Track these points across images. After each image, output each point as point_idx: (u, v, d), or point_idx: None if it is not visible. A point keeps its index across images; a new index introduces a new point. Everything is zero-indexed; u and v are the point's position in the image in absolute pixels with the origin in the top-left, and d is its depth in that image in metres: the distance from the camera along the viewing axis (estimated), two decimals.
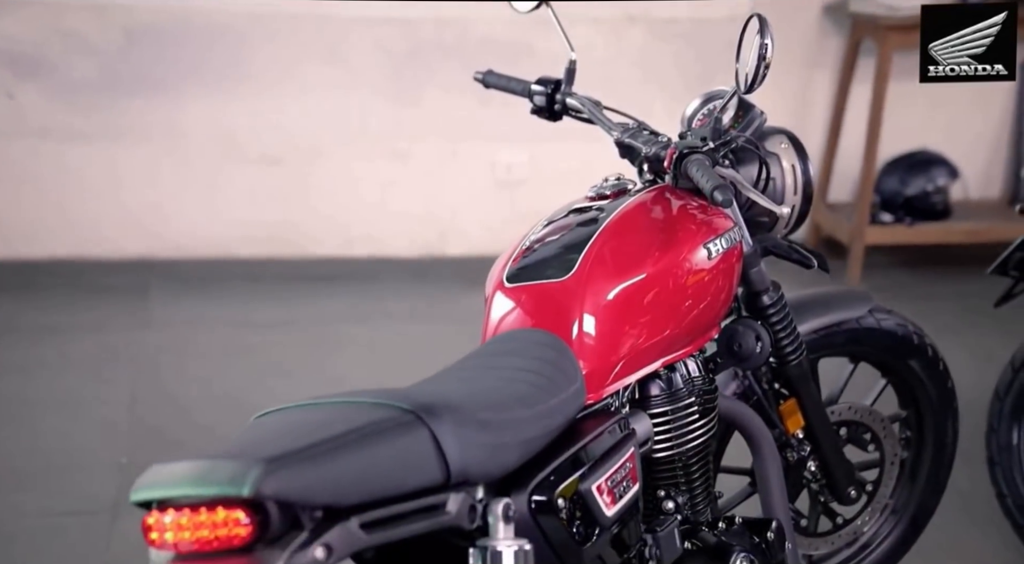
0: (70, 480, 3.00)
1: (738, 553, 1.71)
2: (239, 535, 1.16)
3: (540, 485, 1.45)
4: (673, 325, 1.71)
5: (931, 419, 2.39)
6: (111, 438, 3.23)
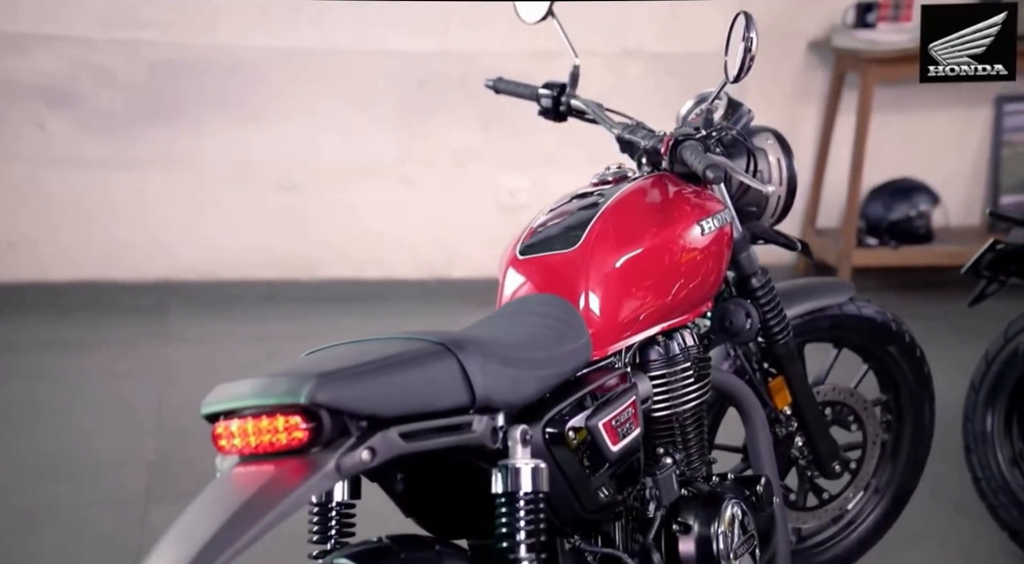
0: (102, 474, 3.14)
1: (729, 500, 1.85)
2: (297, 439, 1.32)
3: (553, 419, 1.60)
4: (669, 294, 1.87)
5: (910, 402, 2.54)
6: (139, 438, 3.38)
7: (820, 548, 2.56)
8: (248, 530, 1.25)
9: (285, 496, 1.28)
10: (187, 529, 1.28)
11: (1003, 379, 2.70)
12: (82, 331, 4.27)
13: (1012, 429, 2.70)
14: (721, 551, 1.82)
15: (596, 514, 1.68)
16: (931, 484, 2.83)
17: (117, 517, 2.91)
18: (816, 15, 4.72)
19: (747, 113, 2.13)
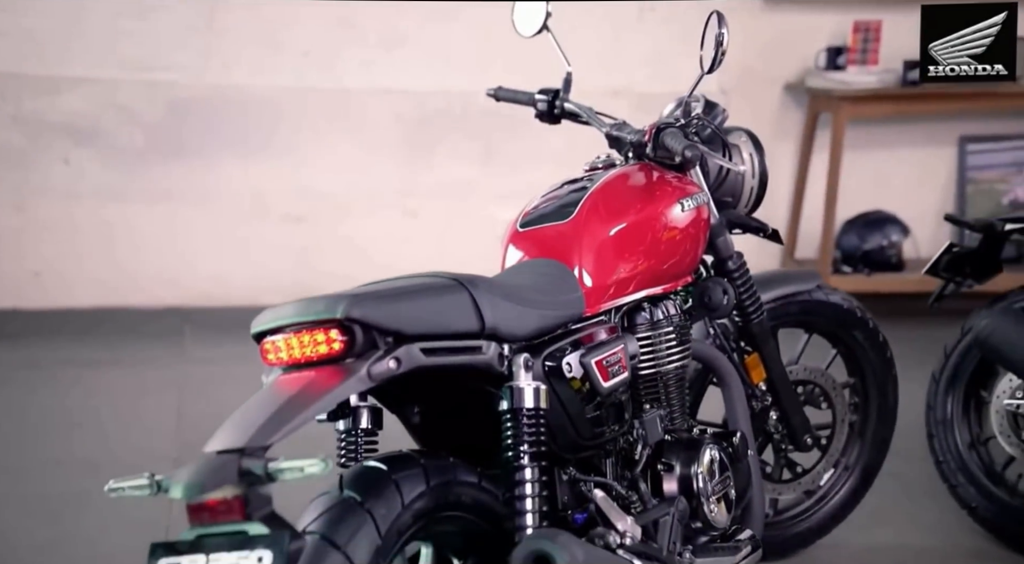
0: (131, 468, 3.29)
1: (708, 445, 2.04)
2: (334, 349, 1.53)
3: (552, 354, 1.81)
4: (653, 261, 2.08)
5: (875, 385, 2.74)
6: (163, 440, 3.56)
7: (795, 520, 2.73)
8: (296, 416, 1.45)
9: (326, 393, 1.48)
10: (242, 418, 1.47)
11: (960, 370, 2.89)
12: (104, 352, 4.44)
13: (970, 415, 2.89)
14: (700, 488, 2.00)
15: (590, 442, 1.87)
16: (899, 468, 3.03)
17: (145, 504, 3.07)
18: (791, 59, 4.98)
19: (722, 112, 2.35)
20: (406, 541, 1.60)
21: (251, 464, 1.39)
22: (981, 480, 2.83)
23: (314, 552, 1.50)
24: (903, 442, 3.03)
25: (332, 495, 1.59)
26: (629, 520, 1.82)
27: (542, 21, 2.41)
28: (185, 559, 1.39)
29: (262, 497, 1.40)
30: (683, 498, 1.98)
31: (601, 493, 1.83)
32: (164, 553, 1.41)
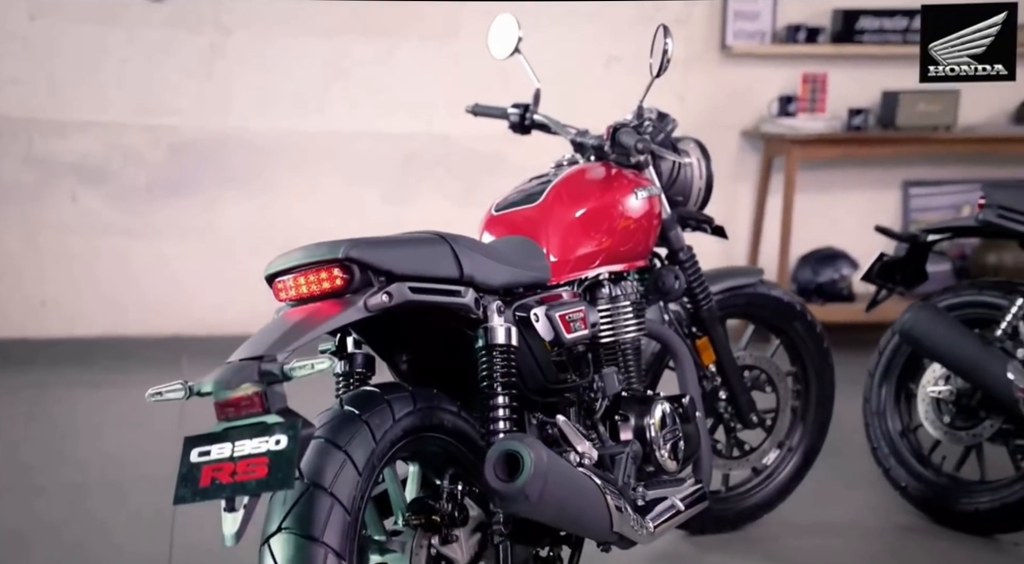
0: (139, 463, 3.54)
1: (660, 402, 2.29)
2: (336, 285, 1.78)
3: (521, 306, 2.06)
4: (611, 242, 2.34)
5: (814, 372, 2.99)
6: (167, 443, 3.72)
7: (744, 495, 2.98)
8: (306, 334, 1.70)
9: (330, 318, 1.73)
10: (259, 337, 1.72)
11: (892, 365, 3.16)
12: (107, 376, 4.65)
13: (900, 405, 3.14)
14: (653, 438, 2.24)
15: (555, 386, 2.11)
16: (839, 455, 3.28)
17: (151, 489, 3.29)
18: (747, 108, 5.31)
19: (673, 121, 2.64)
20: (396, 451, 1.83)
21: (269, 366, 1.63)
22: (911, 463, 3.07)
23: (320, 451, 1.73)
24: (844, 432, 3.30)
25: (334, 410, 1.83)
26: (588, 444, 2.06)
27: (514, 44, 2.69)
28: (214, 447, 1.62)
29: (278, 394, 1.64)
30: (637, 442, 2.22)
31: (563, 418, 2.07)
32: (196, 444, 1.63)
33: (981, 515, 2.90)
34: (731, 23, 5.17)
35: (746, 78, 5.27)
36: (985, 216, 2.94)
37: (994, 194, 2.94)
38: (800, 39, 5.14)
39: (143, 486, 3.33)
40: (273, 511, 1.71)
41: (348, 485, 1.70)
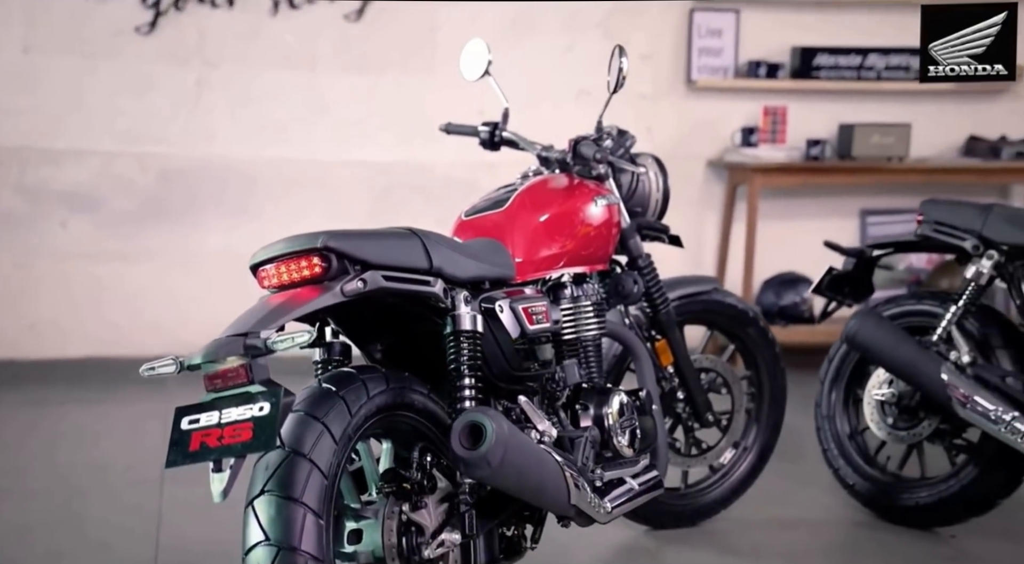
0: (129, 467, 3.66)
1: (618, 392, 2.43)
2: (314, 272, 1.92)
3: (487, 298, 2.21)
4: (572, 245, 2.50)
5: (767, 376, 3.15)
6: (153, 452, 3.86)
7: (702, 492, 3.12)
8: (287, 314, 1.84)
9: (309, 301, 1.87)
10: (244, 317, 1.86)
11: (840, 372, 3.32)
12: (97, 394, 4.76)
13: (849, 409, 3.30)
14: (611, 425, 2.39)
15: (519, 373, 2.26)
16: (792, 457, 3.43)
17: (139, 490, 3.40)
18: (712, 139, 5.50)
19: (632, 137, 2.81)
20: (370, 427, 1.97)
21: (253, 341, 1.78)
22: (858, 463, 3.23)
23: (299, 422, 1.86)
24: (799, 438, 3.45)
25: (313, 387, 1.97)
26: (548, 424, 2.20)
27: (484, 67, 2.85)
28: (203, 415, 1.76)
29: (262, 366, 1.78)
30: (595, 428, 2.36)
31: (525, 399, 2.21)
32: (186, 413, 1.77)
33: (921, 509, 3.05)
34: (696, 59, 5.38)
35: (710, 110, 5.47)
36: (922, 231, 3.12)
37: (931, 211, 3.12)
38: (761, 74, 5.35)
39: (133, 492, 3.44)
40: (256, 477, 1.85)
41: (326, 453, 1.84)
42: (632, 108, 5.20)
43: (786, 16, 5.44)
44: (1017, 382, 2.87)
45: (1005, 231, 2.92)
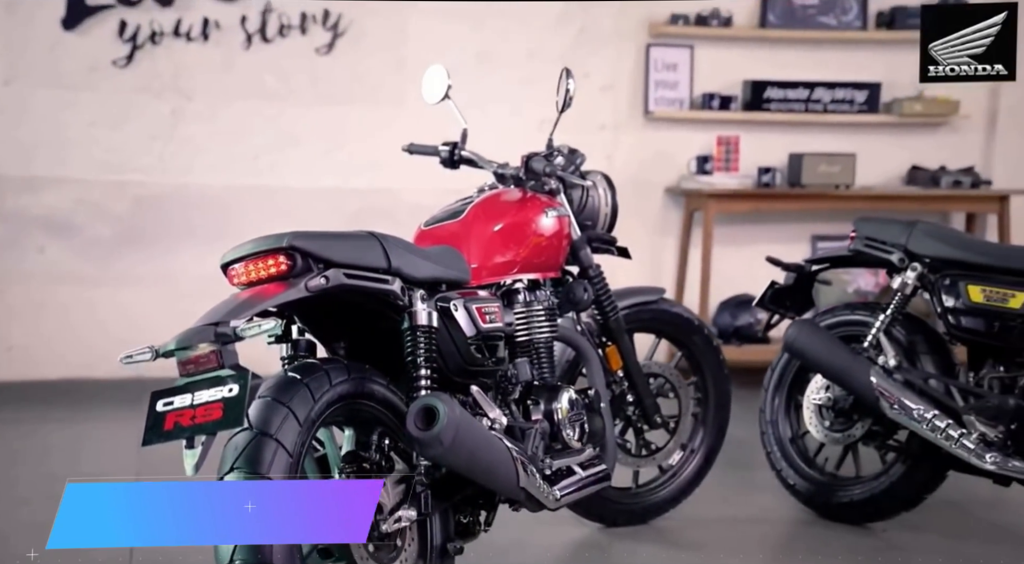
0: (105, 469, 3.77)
1: (568, 389, 2.59)
2: (280, 270, 2.07)
3: (442, 297, 2.36)
4: (525, 252, 2.67)
5: (712, 381, 3.32)
6: (127, 459, 4.00)
7: (652, 491, 3.27)
8: (255, 307, 1.99)
9: (276, 296, 2.02)
10: (215, 309, 2.01)
11: (782, 379, 3.49)
12: (73, 414, 4.85)
13: (791, 415, 3.47)
14: (560, 420, 2.54)
15: (473, 368, 2.41)
16: (737, 460, 3.59)
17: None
18: (669, 167, 5.70)
19: (581, 156, 2.98)
20: (332, 412, 2.11)
21: (223, 329, 1.92)
22: (799, 465, 3.40)
23: (266, 406, 2.01)
24: (745, 446, 3.61)
25: (279, 375, 2.11)
26: (499, 412, 2.35)
27: (444, 91, 3.02)
28: (177, 398, 1.90)
29: (231, 352, 1.93)
30: (546, 421, 2.51)
31: (477, 388, 2.36)
32: (161, 396, 1.91)
33: (855, 506, 3.22)
34: (653, 91, 5.60)
35: (667, 140, 5.68)
36: (855, 246, 3.32)
37: (862, 227, 3.32)
38: (715, 106, 5.57)
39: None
40: (226, 456, 1.99)
41: (290, 434, 1.98)
42: (593, 138, 5.39)
43: (738, 51, 5.67)
44: (939, 384, 3.05)
45: (927, 245, 3.11)
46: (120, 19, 5.15)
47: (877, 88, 5.62)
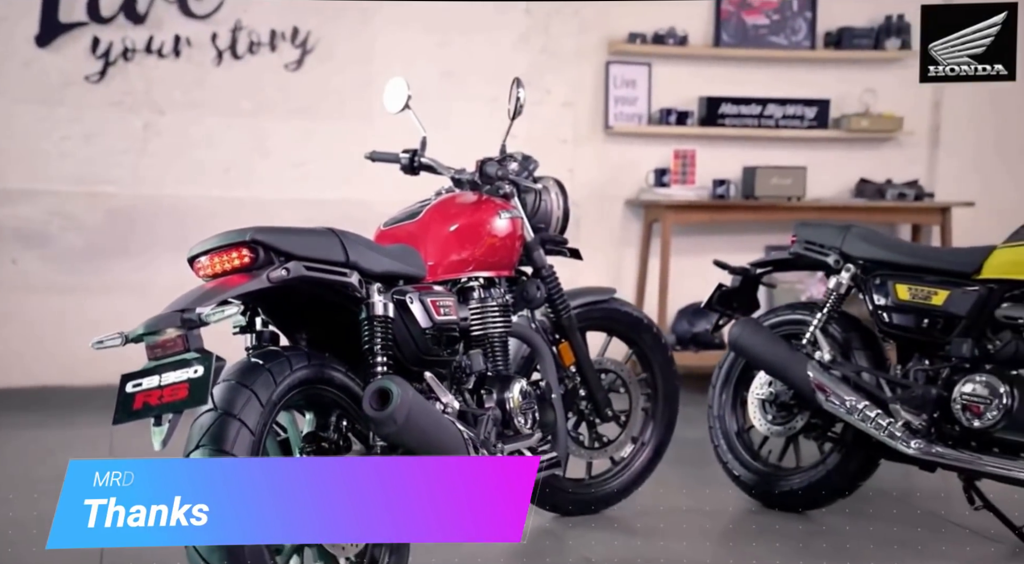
0: None
1: (520, 380, 2.72)
2: (244, 262, 2.20)
3: (398, 290, 2.49)
4: (479, 252, 2.80)
5: (661, 378, 3.46)
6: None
7: (605, 482, 3.40)
8: (219, 296, 2.11)
9: (240, 286, 2.15)
10: (180, 298, 2.13)
11: (729, 376, 3.64)
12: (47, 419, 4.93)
13: (736, 410, 3.62)
14: (512, 408, 2.67)
15: (427, 358, 2.54)
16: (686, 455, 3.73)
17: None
18: (629, 180, 5.86)
19: (535, 162, 3.13)
20: (293, 396, 2.23)
21: (189, 315, 2.05)
22: (744, 457, 3.55)
23: (230, 388, 2.13)
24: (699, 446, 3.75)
25: (243, 361, 2.23)
26: (451, 397, 2.48)
27: (404, 101, 3.15)
28: (145, 380, 2.02)
29: (196, 337, 2.05)
30: (498, 409, 2.64)
31: (431, 375, 2.49)
32: (130, 379, 2.03)
33: (795, 494, 3.38)
34: (612, 107, 5.77)
35: (626, 154, 5.84)
36: (795, 250, 3.48)
37: (802, 232, 3.48)
38: (672, 121, 5.75)
39: None
40: (192, 434, 2.11)
41: (253, 414, 2.10)
42: (556, 152, 5.55)
43: (694, 69, 5.86)
44: (871, 377, 3.21)
45: (860, 248, 3.28)
46: (93, 36, 5.26)
47: (826, 105, 5.82)
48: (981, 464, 2.92)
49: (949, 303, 3.04)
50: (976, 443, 2.95)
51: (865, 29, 5.81)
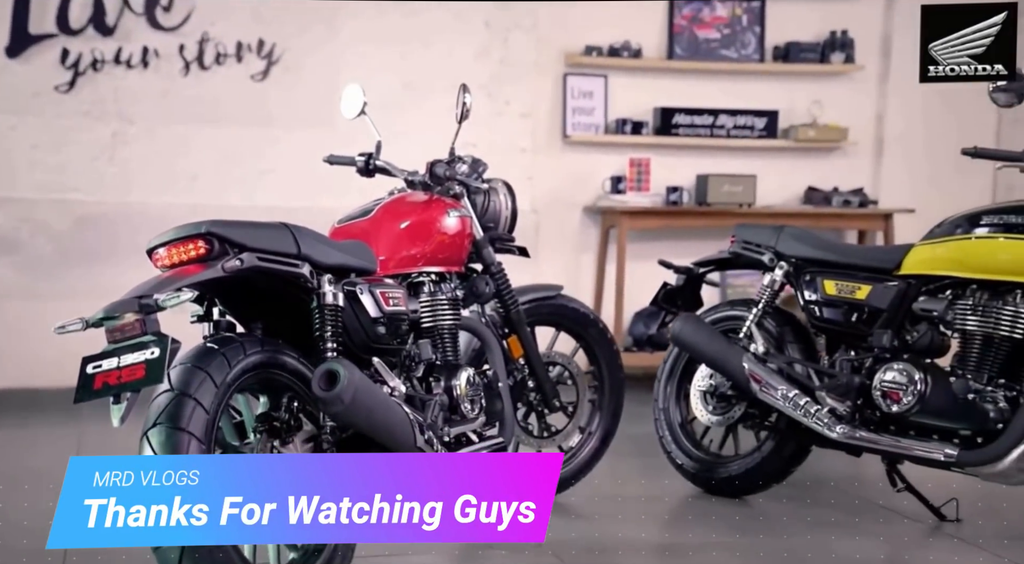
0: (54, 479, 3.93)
1: (467, 368, 2.84)
2: (200, 253, 2.31)
3: (349, 282, 2.61)
4: (429, 248, 2.93)
5: (607, 370, 3.59)
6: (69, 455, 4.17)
7: None
8: (176, 284, 2.23)
9: (195, 275, 2.27)
10: (138, 286, 2.25)
11: (673, 370, 3.79)
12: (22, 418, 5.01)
13: (680, 402, 3.76)
14: (459, 395, 2.80)
15: (377, 346, 2.66)
16: (633, 446, 3.86)
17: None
18: (587, 188, 6.01)
19: (484, 164, 3.26)
20: (247, 379, 2.35)
21: (146, 301, 2.16)
22: (688, 447, 3.69)
23: (186, 371, 2.24)
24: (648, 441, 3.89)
25: (198, 345, 2.35)
26: (398, 382, 2.60)
27: (360, 107, 3.28)
28: (104, 361, 2.13)
29: (153, 321, 2.16)
30: (445, 395, 2.77)
31: (379, 360, 2.61)
32: (90, 360, 2.14)
33: (733, 480, 3.53)
34: (570, 116, 5.92)
35: (584, 162, 6.00)
36: (734, 249, 3.64)
37: (740, 232, 3.64)
38: (627, 130, 5.91)
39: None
40: (150, 414, 2.22)
41: (208, 394, 2.22)
42: (515, 161, 5.69)
43: (648, 81, 6.02)
44: (802, 368, 3.37)
45: (792, 246, 3.45)
46: (63, 47, 5.36)
47: (775, 116, 6.01)
48: (899, 446, 3.08)
49: (871, 297, 3.20)
50: (895, 427, 3.11)
51: (812, 44, 6.01)
